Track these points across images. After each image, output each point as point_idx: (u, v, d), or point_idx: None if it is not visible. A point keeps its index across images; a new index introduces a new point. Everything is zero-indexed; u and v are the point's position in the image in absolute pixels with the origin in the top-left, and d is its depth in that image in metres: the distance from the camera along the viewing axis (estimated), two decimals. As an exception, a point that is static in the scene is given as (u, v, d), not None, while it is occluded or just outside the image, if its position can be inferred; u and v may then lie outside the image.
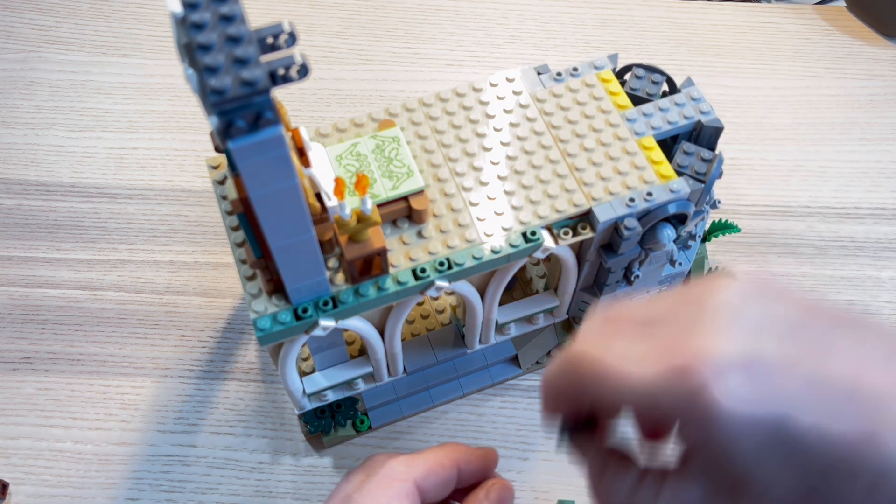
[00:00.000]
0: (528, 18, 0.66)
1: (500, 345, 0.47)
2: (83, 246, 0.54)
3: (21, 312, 0.51)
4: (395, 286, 0.35)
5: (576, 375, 0.27)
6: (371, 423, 0.46)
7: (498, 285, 0.40)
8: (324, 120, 0.60)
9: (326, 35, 0.64)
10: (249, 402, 0.48)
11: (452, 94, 0.41)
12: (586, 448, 0.30)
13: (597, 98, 0.41)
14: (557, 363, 0.28)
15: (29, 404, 0.48)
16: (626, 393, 0.25)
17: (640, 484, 0.27)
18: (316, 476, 0.46)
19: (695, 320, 0.24)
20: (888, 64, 0.64)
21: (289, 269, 0.32)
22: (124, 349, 0.50)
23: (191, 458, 0.46)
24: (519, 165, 0.39)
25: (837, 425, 0.22)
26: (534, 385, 0.49)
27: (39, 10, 0.65)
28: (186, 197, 0.56)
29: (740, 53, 0.64)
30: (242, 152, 0.26)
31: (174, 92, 0.61)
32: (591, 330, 0.28)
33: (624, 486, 0.28)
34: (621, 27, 0.65)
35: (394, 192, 0.36)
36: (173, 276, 0.53)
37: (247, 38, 0.24)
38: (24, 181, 0.56)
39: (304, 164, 0.34)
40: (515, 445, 0.47)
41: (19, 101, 0.60)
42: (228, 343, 0.50)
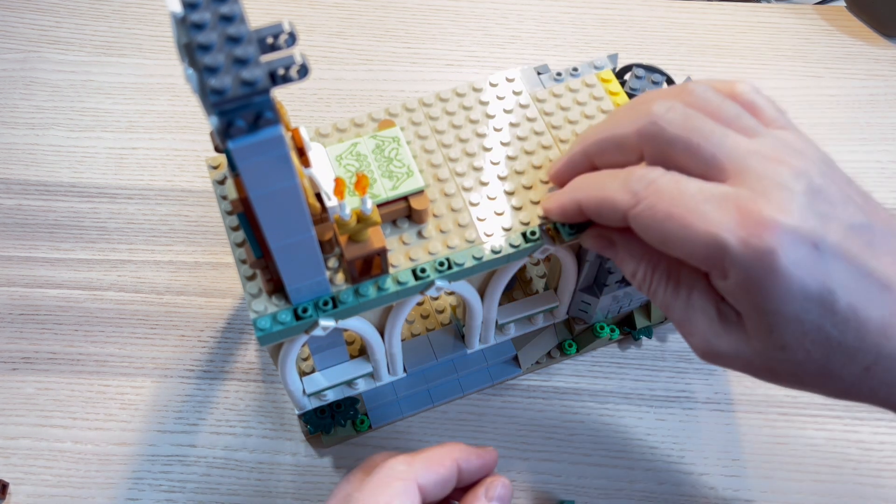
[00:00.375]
0: (528, 18, 0.66)
1: (500, 345, 0.47)
2: (83, 246, 0.54)
3: (21, 312, 0.51)
4: (395, 286, 0.35)
5: (649, 214, 0.30)
6: (371, 423, 0.46)
7: (498, 285, 0.40)
8: (324, 120, 0.60)
9: (326, 35, 0.64)
10: (249, 402, 0.48)
11: (452, 94, 0.41)
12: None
13: (597, 98, 0.41)
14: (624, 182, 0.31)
15: (29, 404, 0.48)
16: (695, 240, 0.29)
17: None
18: (316, 476, 0.46)
19: (774, 186, 0.28)
20: (888, 64, 0.64)
21: (289, 269, 0.32)
22: (124, 349, 0.50)
23: (191, 458, 0.46)
24: (519, 165, 0.39)
25: (866, 310, 0.28)
26: (534, 385, 0.49)
27: (39, 10, 0.65)
28: (186, 197, 0.56)
29: (740, 53, 0.64)
30: (242, 152, 0.26)
31: (174, 92, 0.61)
32: (673, 119, 0.31)
33: None
34: (621, 27, 0.65)
35: (394, 192, 0.36)
36: (173, 276, 0.53)
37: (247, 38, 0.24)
38: (24, 181, 0.56)
39: (304, 164, 0.34)
40: (515, 445, 0.47)
41: (19, 101, 0.60)
42: (228, 343, 0.50)
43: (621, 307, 0.47)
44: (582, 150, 0.35)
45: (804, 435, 0.47)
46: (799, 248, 0.27)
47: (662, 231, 0.30)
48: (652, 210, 0.30)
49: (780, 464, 0.46)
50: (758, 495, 0.45)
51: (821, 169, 0.30)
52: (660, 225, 0.30)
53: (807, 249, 0.28)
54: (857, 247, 0.28)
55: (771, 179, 0.29)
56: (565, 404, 0.48)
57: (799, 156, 0.30)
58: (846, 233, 0.28)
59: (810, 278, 0.28)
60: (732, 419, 0.48)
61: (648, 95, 0.34)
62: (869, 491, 0.45)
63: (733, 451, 0.47)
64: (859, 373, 0.29)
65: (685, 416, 0.48)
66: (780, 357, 0.30)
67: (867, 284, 0.28)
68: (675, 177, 0.30)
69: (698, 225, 0.29)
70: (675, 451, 0.47)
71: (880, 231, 0.29)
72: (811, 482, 0.46)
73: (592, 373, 0.49)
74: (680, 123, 0.31)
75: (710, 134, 0.30)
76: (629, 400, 0.48)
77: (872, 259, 0.28)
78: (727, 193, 0.29)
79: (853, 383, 0.30)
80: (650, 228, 0.30)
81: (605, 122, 0.34)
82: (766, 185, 0.29)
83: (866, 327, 0.28)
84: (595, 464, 0.46)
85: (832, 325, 0.28)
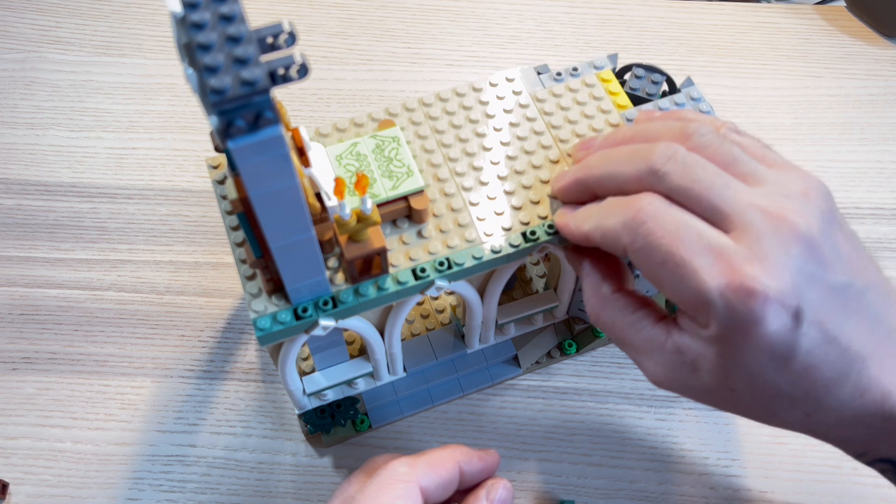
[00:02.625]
0: (528, 18, 0.66)
1: (499, 345, 0.47)
2: (83, 246, 0.54)
3: (21, 312, 0.51)
4: (394, 286, 0.35)
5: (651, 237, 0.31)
6: (371, 422, 0.46)
7: (497, 285, 0.40)
8: (324, 120, 0.60)
9: (326, 35, 0.64)
10: (249, 402, 0.48)
11: (452, 93, 0.41)
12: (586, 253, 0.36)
13: (597, 98, 0.41)
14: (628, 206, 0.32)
15: (29, 404, 0.48)
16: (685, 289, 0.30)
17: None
18: (316, 476, 0.46)
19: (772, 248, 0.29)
20: (888, 64, 0.64)
21: (289, 269, 0.32)
22: (124, 349, 0.50)
23: (191, 458, 0.46)
24: (519, 165, 0.39)
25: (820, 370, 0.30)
26: (534, 385, 0.49)
27: (39, 10, 0.65)
28: (186, 197, 0.56)
29: (740, 53, 0.64)
30: (242, 152, 0.26)
31: (174, 92, 0.61)
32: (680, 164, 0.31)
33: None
34: (621, 27, 0.65)
35: (394, 191, 0.36)
36: (173, 276, 0.53)
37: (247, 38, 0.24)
38: (24, 181, 0.56)
39: (304, 164, 0.34)
40: (515, 445, 0.47)
41: (19, 101, 0.60)
42: (228, 343, 0.50)
43: (621, 307, 0.47)
44: (584, 180, 0.35)
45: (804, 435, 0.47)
46: (780, 318, 0.29)
47: (656, 273, 0.31)
48: (648, 250, 0.31)
49: (779, 464, 0.46)
50: (758, 495, 0.45)
51: (819, 221, 0.30)
52: (655, 267, 0.31)
53: (787, 319, 0.29)
54: (831, 310, 0.29)
55: (769, 240, 0.29)
56: (565, 404, 0.48)
57: (800, 207, 0.30)
58: (826, 295, 0.29)
59: (782, 344, 0.29)
60: (732, 419, 0.48)
61: (649, 130, 0.34)
62: (869, 491, 0.45)
63: (733, 451, 0.47)
64: (800, 417, 0.31)
65: (685, 416, 0.48)
66: (728, 396, 0.32)
67: (828, 348, 0.29)
68: (677, 216, 0.31)
69: (691, 278, 0.29)
70: (675, 451, 0.47)
71: (856, 290, 0.30)
72: (811, 482, 0.46)
73: (592, 373, 0.49)
74: (680, 174, 0.31)
75: (711, 186, 0.31)
76: (629, 400, 0.48)
77: (841, 322, 0.30)
78: (725, 248, 0.29)
79: (793, 423, 0.32)
80: (644, 267, 0.31)
81: (607, 158, 0.34)
82: (763, 247, 0.29)
83: (815, 385, 0.30)
84: (595, 464, 0.46)
85: (785, 381, 0.30)
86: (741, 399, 0.32)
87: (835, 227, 0.31)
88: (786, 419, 0.32)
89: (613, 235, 0.32)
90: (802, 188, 0.31)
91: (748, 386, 0.31)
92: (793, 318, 0.29)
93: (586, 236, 0.34)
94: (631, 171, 0.32)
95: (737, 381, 0.31)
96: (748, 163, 0.32)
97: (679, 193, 0.31)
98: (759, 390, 0.31)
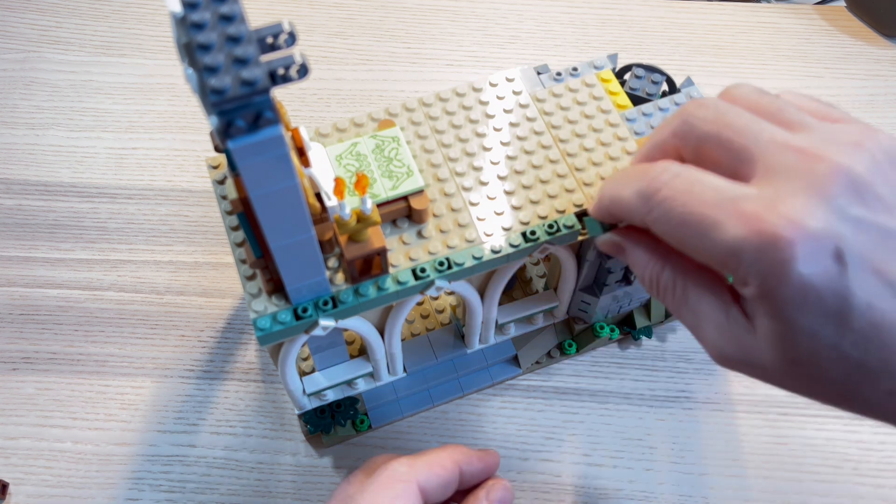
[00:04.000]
0: (528, 18, 0.66)
1: (499, 345, 0.47)
2: (83, 246, 0.54)
3: (21, 312, 0.51)
4: (395, 286, 0.35)
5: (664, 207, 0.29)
6: (371, 423, 0.46)
7: (498, 285, 0.40)
8: (324, 120, 0.60)
9: (326, 35, 0.64)
10: (249, 402, 0.48)
11: (452, 93, 0.41)
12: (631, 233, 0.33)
13: (596, 98, 0.41)
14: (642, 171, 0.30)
15: (29, 404, 0.48)
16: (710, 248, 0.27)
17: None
18: (316, 476, 0.46)
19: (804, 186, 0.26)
20: (888, 64, 0.64)
21: (289, 269, 0.32)
22: (124, 349, 0.50)
23: (191, 458, 0.46)
24: (519, 165, 0.39)
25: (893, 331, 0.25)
26: (534, 385, 0.49)
27: (39, 10, 0.65)
28: (186, 197, 0.56)
29: (740, 53, 0.64)
30: (242, 152, 0.26)
31: (174, 92, 0.61)
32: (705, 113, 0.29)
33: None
34: (621, 27, 0.65)
35: (394, 191, 0.36)
36: (173, 276, 0.53)
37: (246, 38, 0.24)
38: (24, 181, 0.56)
39: (304, 164, 0.34)
40: (515, 445, 0.47)
41: (19, 101, 0.60)
42: (228, 343, 0.50)
43: (621, 307, 0.47)
44: (637, 162, 0.33)
45: (804, 435, 0.47)
46: (818, 258, 0.25)
47: (678, 238, 0.29)
48: (666, 217, 0.29)
49: (780, 464, 0.46)
50: (758, 495, 0.45)
51: (874, 163, 0.27)
52: (675, 232, 0.29)
53: (827, 260, 0.25)
54: (891, 259, 0.26)
55: (802, 178, 0.26)
56: (565, 404, 0.48)
57: (849, 149, 0.27)
58: (883, 242, 0.26)
59: (828, 291, 0.25)
60: (732, 419, 0.48)
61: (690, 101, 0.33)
62: (869, 491, 0.45)
63: (733, 451, 0.47)
64: (882, 395, 0.27)
65: (685, 416, 0.48)
66: (793, 371, 0.28)
67: (894, 303, 0.25)
68: (691, 176, 0.28)
69: (712, 233, 0.27)
70: (675, 451, 0.47)
71: None
72: (811, 482, 0.46)
73: (592, 373, 0.49)
74: (711, 119, 0.29)
75: (744, 127, 0.28)
76: (629, 400, 0.48)
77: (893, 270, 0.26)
78: (747, 196, 0.27)
79: (877, 404, 0.27)
80: (667, 235, 0.29)
81: (655, 130, 0.33)
82: (794, 186, 0.26)
83: (890, 349, 0.26)
84: (595, 464, 0.46)
85: (851, 343, 0.26)
86: (808, 373, 0.27)
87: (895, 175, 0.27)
88: (868, 398, 0.27)
89: (630, 206, 0.30)
90: (856, 137, 0.27)
91: (811, 355, 0.27)
92: (834, 261, 0.25)
93: (606, 209, 0.32)
94: (668, 129, 0.31)
95: (797, 348, 0.27)
96: (795, 113, 0.29)
97: (709, 141, 0.29)
98: (825, 359, 0.26)
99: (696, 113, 0.30)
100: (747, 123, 0.28)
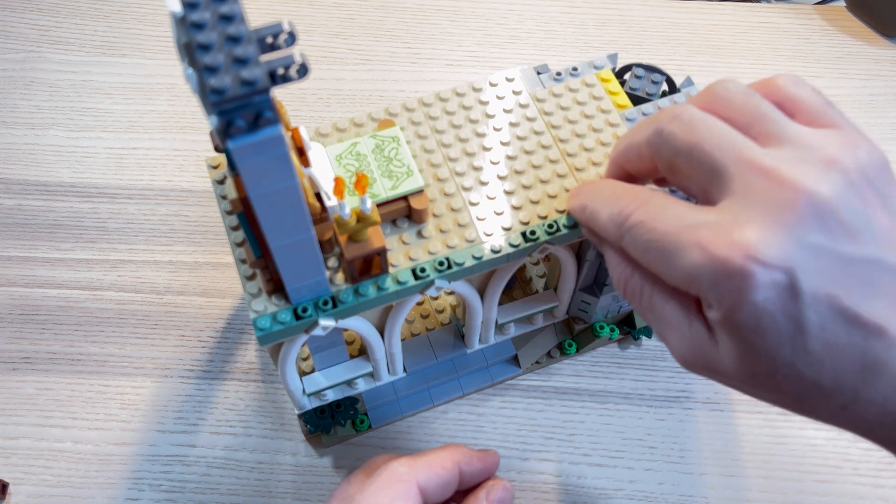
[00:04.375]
0: (528, 18, 0.66)
1: (499, 345, 0.47)
2: (83, 246, 0.54)
3: (21, 312, 0.51)
4: (394, 286, 0.35)
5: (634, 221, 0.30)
6: (371, 422, 0.46)
7: (497, 285, 0.40)
8: (324, 120, 0.60)
9: (326, 35, 0.64)
10: (249, 402, 0.48)
11: (452, 93, 0.41)
12: None
13: (596, 98, 0.41)
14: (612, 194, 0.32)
15: (29, 404, 0.48)
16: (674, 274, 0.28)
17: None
18: (316, 476, 0.46)
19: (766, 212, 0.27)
20: (888, 64, 0.64)
21: (289, 269, 0.32)
22: (124, 349, 0.50)
23: (191, 458, 0.46)
24: (519, 165, 0.39)
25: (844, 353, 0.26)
26: (534, 385, 0.49)
27: (39, 10, 0.65)
28: (186, 197, 0.56)
29: (740, 53, 0.64)
30: (242, 152, 0.26)
31: (174, 92, 0.61)
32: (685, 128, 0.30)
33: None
34: (621, 27, 0.65)
35: (393, 191, 0.36)
36: (173, 276, 0.53)
37: (246, 38, 0.24)
38: (24, 181, 0.56)
39: (304, 164, 0.34)
40: (515, 445, 0.47)
41: (19, 101, 0.60)
42: (228, 343, 0.50)
43: (621, 307, 0.47)
44: (613, 159, 0.34)
45: (804, 435, 0.47)
46: (770, 287, 0.26)
47: (646, 263, 0.30)
48: (635, 243, 0.30)
49: (780, 464, 0.46)
50: (758, 495, 0.45)
51: (844, 185, 0.27)
52: (643, 257, 0.30)
53: (780, 287, 0.26)
54: (848, 284, 0.26)
55: (764, 204, 0.27)
56: (565, 404, 0.48)
57: (819, 170, 0.27)
58: (840, 268, 0.26)
59: (782, 317, 0.26)
60: (732, 419, 0.48)
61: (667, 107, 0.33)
62: (869, 491, 0.45)
63: (733, 451, 0.47)
64: (836, 409, 0.28)
65: (685, 416, 0.48)
66: (752, 382, 0.29)
67: (849, 327, 0.26)
68: (656, 202, 0.29)
69: (674, 260, 0.28)
70: (675, 451, 0.47)
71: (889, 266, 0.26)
72: (811, 482, 0.46)
73: (592, 373, 0.49)
74: (684, 132, 0.29)
75: (714, 146, 0.28)
76: (629, 400, 0.48)
77: (865, 300, 0.26)
78: (706, 223, 0.27)
79: (831, 416, 0.29)
80: (638, 259, 0.30)
81: (632, 128, 0.33)
82: (754, 212, 0.27)
83: (843, 369, 0.27)
84: (595, 464, 0.46)
85: (805, 364, 0.27)
86: (766, 385, 0.28)
87: (870, 197, 0.27)
88: (821, 412, 0.29)
89: (605, 230, 0.32)
90: (833, 153, 0.27)
91: (768, 371, 0.28)
92: (787, 288, 0.26)
93: (586, 224, 0.34)
94: (643, 136, 0.31)
95: (754, 365, 0.28)
96: (776, 122, 0.29)
97: (682, 155, 0.29)
98: (781, 376, 0.27)
99: (669, 127, 0.30)
100: (718, 141, 0.28)
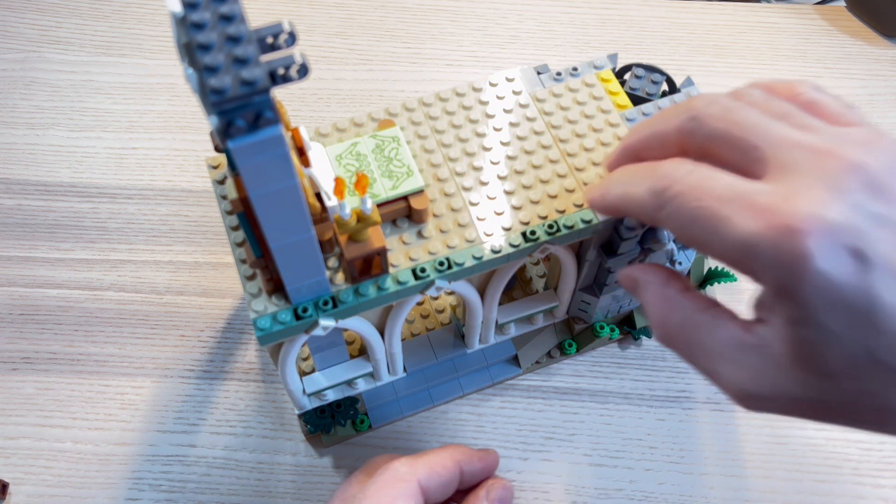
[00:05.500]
0: (528, 18, 0.66)
1: (499, 345, 0.47)
2: (83, 246, 0.54)
3: (21, 312, 0.51)
4: (395, 286, 0.35)
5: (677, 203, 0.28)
6: (371, 422, 0.46)
7: (498, 285, 0.40)
8: (324, 120, 0.60)
9: (326, 35, 0.64)
10: (249, 402, 0.48)
11: (452, 93, 0.41)
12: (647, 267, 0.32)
13: (596, 98, 0.41)
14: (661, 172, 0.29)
15: (29, 404, 0.48)
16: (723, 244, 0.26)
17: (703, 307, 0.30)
18: (316, 476, 0.46)
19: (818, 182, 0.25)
20: (888, 64, 0.64)
21: (289, 269, 0.32)
22: (124, 349, 0.50)
23: (191, 458, 0.46)
24: (519, 165, 0.39)
25: None
26: (534, 385, 0.49)
27: (39, 10, 0.65)
28: (186, 197, 0.56)
29: (740, 53, 0.64)
30: (242, 152, 0.26)
31: (174, 92, 0.61)
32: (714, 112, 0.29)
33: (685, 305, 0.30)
34: (621, 27, 0.65)
35: (394, 191, 0.36)
36: (173, 276, 0.53)
37: (246, 38, 0.24)
38: (24, 181, 0.56)
39: (304, 164, 0.34)
40: (515, 445, 0.47)
41: (19, 101, 0.60)
42: (228, 343, 0.50)
43: (621, 307, 0.47)
44: (629, 146, 0.33)
45: (804, 435, 0.47)
46: (837, 254, 0.24)
47: (691, 234, 0.28)
48: (678, 212, 0.28)
49: (780, 464, 0.46)
50: (758, 495, 0.45)
51: (888, 160, 0.26)
52: (687, 228, 0.28)
53: (845, 257, 0.24)
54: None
55: (816, 174, 0.25)
56: (565, 404, 0.48)
57: (862, 149, 0.26)
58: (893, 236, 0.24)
59: (852, 288, 0.24)
60: (732, 419, 0.48)
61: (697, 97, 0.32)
62: (869, 491, 0.45)
63: (733, 451, 0.47)
64: None
65: (685, 416, 0.48)
66: (827, 389, 0.25)
67: None
68: (703, 173, 0.28)
69: (725, 229, 0.26)
70: (675, 451, 0.47)
71: None
72: (811, 482, 0.46)
73: (592, 373, 0.49)
74: (720, 116, 0.28)
75: (754, 126, 0.28)
76: (629, 400, 0.48)
77: None
78: (760, 191, 0.26)
79: None
80: (678, 231, 0.28)
81: (652, 118, 0.32)
82: (808, 181, 0.25)
83: None
84: (595, 464, 0.46)
85: (886, 349, 0.24)
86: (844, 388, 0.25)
87: None
88: None
89: (640, 203, 0.29)
90: (868, 138, 0.27)
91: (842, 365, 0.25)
92: (853, 257, 0.24)
93: (613, 206, 0.32)
94: (673, 123, 0.30)
95: (826, 357, 0.25)
96: (804, 117, 0.28)
97: (717, 139, 0.28)
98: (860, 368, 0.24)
99: (706, 110, 0.29)
100: (757, 122, 0.28)
